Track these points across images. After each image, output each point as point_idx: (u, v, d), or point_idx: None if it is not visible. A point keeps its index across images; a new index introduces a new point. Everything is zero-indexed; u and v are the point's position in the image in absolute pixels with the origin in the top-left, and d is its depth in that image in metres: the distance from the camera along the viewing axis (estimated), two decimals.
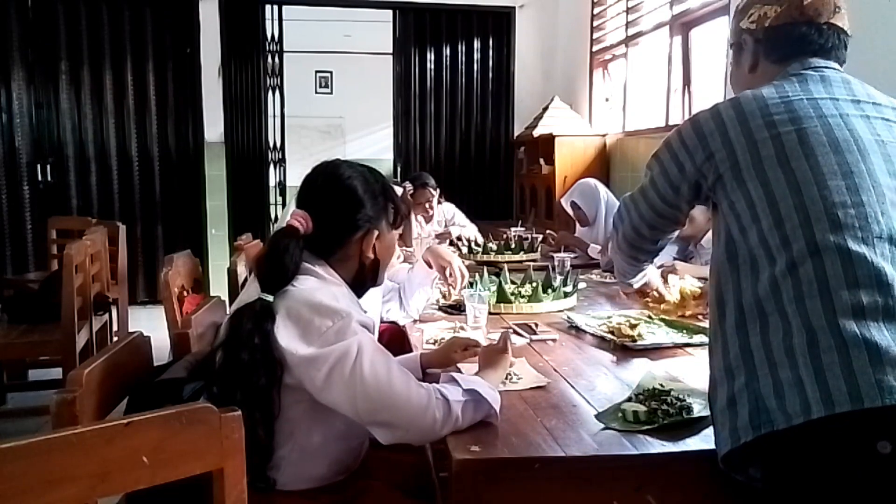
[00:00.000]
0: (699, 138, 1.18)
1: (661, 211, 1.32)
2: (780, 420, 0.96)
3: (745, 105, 1.15)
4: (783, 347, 0.99)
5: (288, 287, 1.26)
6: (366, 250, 1.38)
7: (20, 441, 0.74)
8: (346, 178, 1.38)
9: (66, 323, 2.70)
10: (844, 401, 0.91)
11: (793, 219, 1.03)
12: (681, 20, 4.15)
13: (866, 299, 0.96)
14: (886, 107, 1.15)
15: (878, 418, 0.91)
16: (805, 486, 0.97)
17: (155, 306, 4.82)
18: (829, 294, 0.97)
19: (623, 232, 1.46)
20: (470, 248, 3.49)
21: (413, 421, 1.21)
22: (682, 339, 1.81)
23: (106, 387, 1.21)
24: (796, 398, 0.95)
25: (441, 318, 2.12)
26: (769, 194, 1.06)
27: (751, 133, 1.11)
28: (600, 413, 1.30)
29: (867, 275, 0.97)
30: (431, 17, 5.81)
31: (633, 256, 1.54)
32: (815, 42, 1.21)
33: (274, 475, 1.25)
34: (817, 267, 0.99)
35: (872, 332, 0.94)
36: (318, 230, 1.33)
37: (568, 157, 4.91)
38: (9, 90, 5.09)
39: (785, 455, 0.99)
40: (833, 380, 0.92)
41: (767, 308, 1.03)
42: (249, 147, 5.62)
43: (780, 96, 1.14)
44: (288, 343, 1.20)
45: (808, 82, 1.16)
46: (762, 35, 1.25)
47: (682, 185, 1.23)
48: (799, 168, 1.06)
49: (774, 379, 0.98)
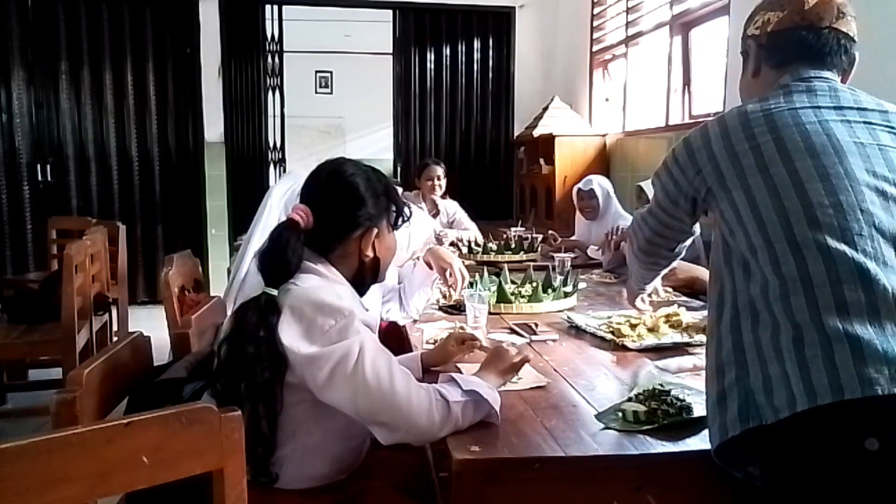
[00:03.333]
0: (689, 155, 1.25)
1: (668, 223, 1.42)
2: (768, 414, 0.99)
3: (730, 121, 1.21)
4: (772, 344, 1.02)
5: (291, 286, 1.26)
6: (364, 248, 1.38)
7: (20, 441, 0.74)
8: (349, 176, 1.39)
9: (66, 323, 2.70)
10: (826, 393, 0.93)
11: (773, 221, 1.07)
12: (681, 20, 4.15)
13: (849, 295, 0.98)
14: (873, 111, 1.17)
15: (859, 410, 0.93)
16: (799, 481, 0.99)
17: (155, 306, 4.82)
18: (813, 291, 1.00)
19: (638, 244, 1.57)
20: (470, 249, 3.49)
21: (413, 422, 1.21)
22: (682, 339, 1.81)
23: (106, 387, 1.21)
24: (783, 392, 0.97)
25: (441, 318, 2.12)
26: (751, 200, 1.11)
27: (732, 146, 1.17)
28: (600, 413, 1.30)
29: (849, 271, 0.99)
30: (431, 17, 5.81)
31: (653, 263, 1.64)
32: (813, 46, 1.23)
33: (276, 471, 1.25)
34: (800, 265, 1.02)
35: (855, 327, 0.96)
36: (319, 226, 1.34)
37: (568, 157, 4.91)
38: (9, 90, 5.09)
39: (775, 450, 1.01)
40: (816, 373, 0.95)
41: (758, 306, 1.06)
42: (249, 147, 5.62)
43: (762, 110, 1.18)
44: (291, 341, 1.20)
45: (792, 94, 1.20)
46: (765, 40, 1.29)
47: (679, 199, 1.31)
48: (777, 174, 1.10)
49: (764, 374, 1.01)
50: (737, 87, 1.39)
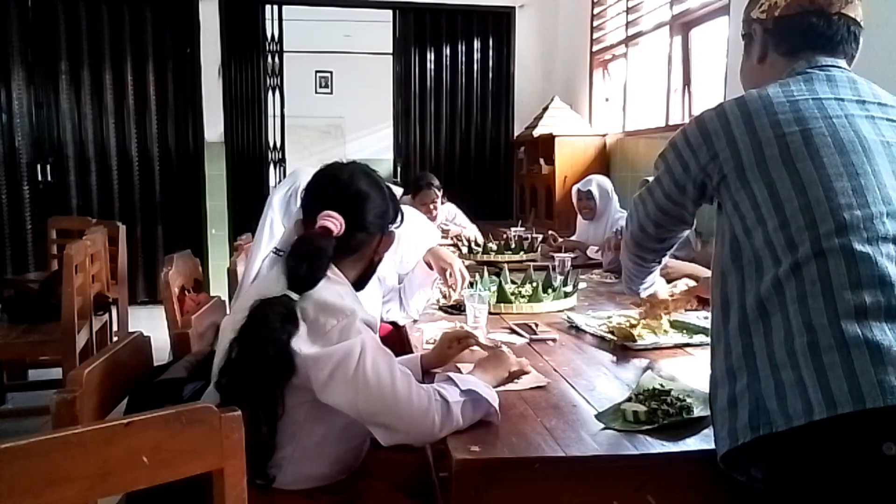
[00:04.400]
0: (703, 138, 1.17)
1: (667, 209, 1.32)
2: (779, 422, 0.96)
3: (751, 104, 1.13)
4: (785, 349, 0.98)
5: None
6: (380, 252, 1.42)
7: (20, 441, 0.74)
8: (372, 185, 1.39)
9: (66, 323, 2.70)
10: (846, 402, 0.90)
11: (798, 220, 1.03)
12: (681, 20, 4.15)
13: (869, 299, 0.95)
14: (892, 107, 1.13)
15: (880, 419, 0.90)
16: (807, 487, 0.97)
17: (155, 306, 4.82)
18: (832, 294, 0.97)
19: (631, 230, 1.46)
20: (470, 248, 3.49)
21: (414, 422, 1.21)
22: (682, 339, 1.81)
23: (106, 387, 1.21)
24: (798, 399, 0.94)
25: (441, 318, 2.12)
26: (774, 195, 1.05)
27: (755, 132, 1.10)
28: (600, 413, 1.30)
29: (870, 275, 0.97)
30: (431, 17, 5.81)
31: (639, 256, 1.53)
32: (824, 34, 1.19)
33: (275, 473, 1.25)
34: (821, 267, 0.99)
35: (875, 332, 0.93)
36: (349, 234, 1.33)
37: (568, 157, 4.91)
38: (9, 90, 5.08)
39: (785, 456, 0.99)
40: (835, 380, 0.92)
41: (770, 309, 1.03)
42: (249, 147, 5.62)
43: (785, 96, 1.12)
44: (294, 342, 1.20)
45: (813, 82, 1.15)
46: (772, 25, 1.24)
47: (686, 184, 1.22)
48: (804, 169, 1.05)
49: (776, 380, 0.98)
50: (737, 88, 1.34)
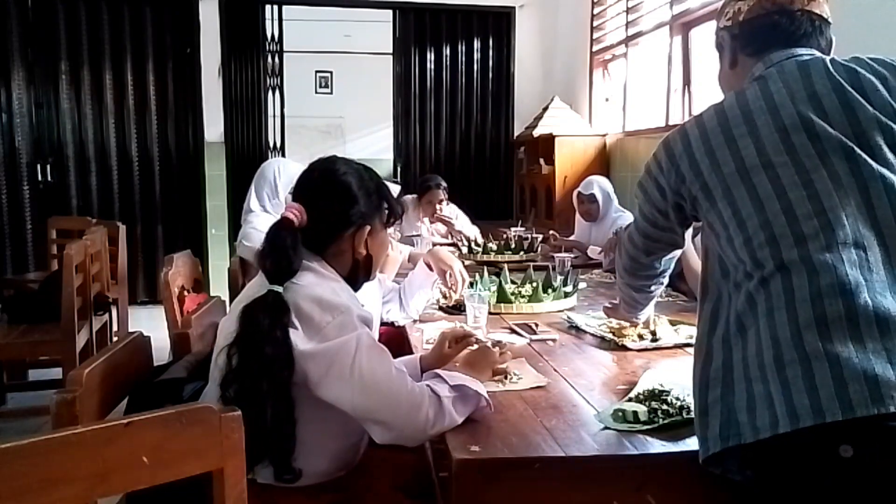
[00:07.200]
0: (671, 161, 1.21)
1: (655, 236, 1.36)
2: (747, 434, 0.98)
3: (708, 122, 1.16)
4: (757, 362, 1.00)
5: (291, 284, 1.26)
6: (357, 246, 1.39)
7: (20, 441, 0.74)
8: (341, 175, 1.39)
9: (66, 323, 2.70)
10: (807, 416, 0.91)
11: (759, 236, 1.04)
12: (681, 20, 4.15)
13: (829, 309, 0.95)
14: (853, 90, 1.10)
15: (840, 430, 0.91)
16: (784, 488, 0.99)
17: (155, 306, 4.82)
18: (794, 306, 0.98)
19: (623, 264, 1.50)
20: (470, 249, 3.49)
21: (408, 419, 1.21)
22: (682, 339, 1.81)
23: (106, 387, 1.21)
24: (766, 412, 0.96)
25: (441, 319, 2.12)
26: (737, 213, 1.08)
27: (713, 152, 1.13)
28: (600, 413, 1.30)
29: (829, 284, 0.96)
30: (431, 17, 5.81)
31: (640, 283, 1.57)
32: (787, 29, 1.21)
33: (300, 466, 1.24)
34: (785, 281, 1.00)
35: (835, 344, 0.93)
36: (313, 224, 1.34)
37: (568, 157, 4.91)
38: (9, 90, 5.09)
39: (757, 462, 1.01)
40: (797, 394, 0.93)
41: (746, 323, 1.05)
42: (249, 147, 5.62)
43: (739, 106, 1.14)
44: (291, 338, 1.20)
45: (767, 81, 1.15)
46: (738, 30, 1.26)
47: (666, 208, 1.26)
48: (760, 183, 1.06)
49: (749, 393, 1.00)
50: None
